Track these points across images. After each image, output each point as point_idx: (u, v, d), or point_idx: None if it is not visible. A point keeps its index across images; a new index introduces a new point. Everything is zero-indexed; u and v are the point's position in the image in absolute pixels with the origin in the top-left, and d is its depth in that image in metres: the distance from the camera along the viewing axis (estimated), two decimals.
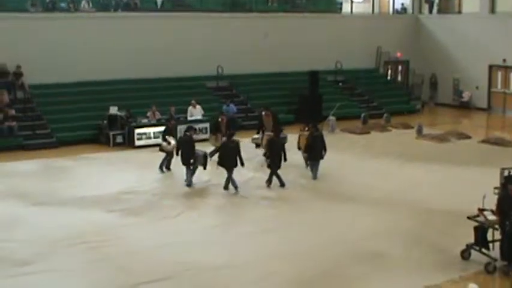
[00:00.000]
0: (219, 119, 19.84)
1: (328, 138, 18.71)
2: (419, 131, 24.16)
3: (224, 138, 17.47)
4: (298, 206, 15.04)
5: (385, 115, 27.32)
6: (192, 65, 27.16)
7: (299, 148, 18.28)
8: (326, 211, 14.63)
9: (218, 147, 17.48)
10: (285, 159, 16.55)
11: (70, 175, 17.90)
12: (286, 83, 29.00)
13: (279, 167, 16.37)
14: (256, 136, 19.80)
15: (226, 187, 16.13)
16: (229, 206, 15.13)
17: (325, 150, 17.33)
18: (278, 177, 16.40)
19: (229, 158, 16.02)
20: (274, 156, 16.32)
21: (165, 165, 18.28)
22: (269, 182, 16.42)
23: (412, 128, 25.18)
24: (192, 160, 16.70)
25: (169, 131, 18.79)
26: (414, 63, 33.46)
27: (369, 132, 24.95)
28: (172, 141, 18.14)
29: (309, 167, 17.59)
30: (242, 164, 16.28)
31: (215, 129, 19.79)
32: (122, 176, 17.70)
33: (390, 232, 13.06)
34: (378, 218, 14.02)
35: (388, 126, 26.07)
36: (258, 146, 19.54)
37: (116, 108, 22.67)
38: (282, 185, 16.36)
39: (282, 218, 14.13)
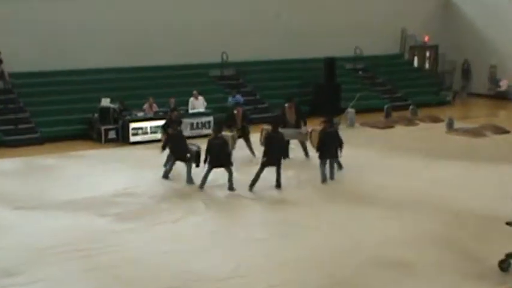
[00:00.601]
0: (234, 111, 19.89)
1: (347, 133, 18.79)
2: (450, 125, 24.17)
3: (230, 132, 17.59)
4: (311, 209, 15.10)
5: (411, 107, 27.33)
6: (194, 51, 27.24)
7: (312, 145, 18.41)
8: (343, 214, 14.67)
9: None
10: (286, 156, 16.60)
11: (57, 175, 17.99)
12: (300, 71, 29.05)
13: (278, 165, 16.39)
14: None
15: (231, 188, 16.26)
16: (235, 209, 15.21)
17: (340, 148, 17.32)
18: (278, 175, 16.42)
19: (216, 156, 16.24)
20: (272, 154, 16.28)
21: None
22: (277, 183, 16.48)
23: (442, 121, 25.20)
24: (189, 155, 16.94)
25: (170, 123, 18.86)
26: (444, 47, 33.41)
27: (392, 127, 25.00)
28: None
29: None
30: (230, 163, 16.54)
31: (230, 123, 19.67)
32: (116, 176, 17.79)
33: (416, 237, 13.08)
34: (402, 221, 14.04)
35: (414, 120, 26.08)
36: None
37: (108, 99, 22.79)
38: (278, 185, 16.43)
39: (293, 222, 14.17)
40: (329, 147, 17.09)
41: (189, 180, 16.88)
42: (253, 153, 19.40)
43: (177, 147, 17.06)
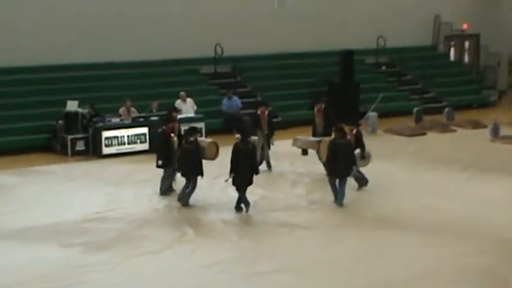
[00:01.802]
0: (258, 112, 20.15)
1: (368, 142, 18.65)
2: (496, 132, 24.09)
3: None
4: (328, 236, 14.97)
5: (446, 110, 27.31)
6: (182, 44, 27.29)
7: (320, 159, 18.43)
8: (366, 242, 14.54)
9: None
10: (256, 172, 16.51)
11: (12, 196, 17.89)
12: (310, 67, 29.08)
13: (245, 183, 16.29)
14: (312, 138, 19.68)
15: (237, 207, 16.40)
16: (233, 236, 15.08)
17: (354, 163, 17.02)
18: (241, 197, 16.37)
19: (188, 164, 16.61)
20: (240, 170, 16.18)
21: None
22: (239, 207, 16.40)
23: (486, 127, 25.17)
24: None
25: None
26: (487, 37, 33.40)
27: (424, 134, 25.01)
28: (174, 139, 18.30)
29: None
30: (201, 173, 16.83)
31: (255, 126, 19.89)
32: (85, 197, 17.69)
33: (458, 272, 12.93)
34: (439, 251, 13.90)
35: (451, 125, 26.06)
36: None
37: (75, 103, 22.75)
38: (239, 209, 16.34)
39: (305, 252, 14.05)
40: (338, 163, 16.75)
41: (186, 201, 16.83)
42: (269, 167, 19.61)
43: (186, 162, 16.98)
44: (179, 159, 17.07)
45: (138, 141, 22.33)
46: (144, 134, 22.35)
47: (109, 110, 23.21)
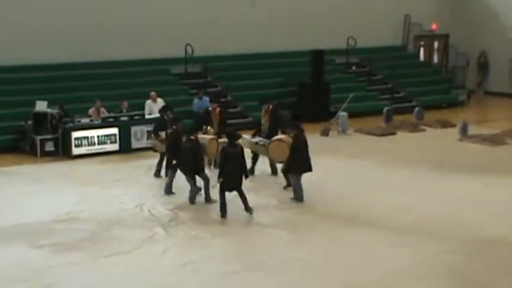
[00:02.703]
0: (209, 108, 20.27)
1: (338, 142, 18.73)
2: (464, 131, 24.22)
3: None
4: (299, 235, 14.96)
5: (416, 109, 27.42)
6: (152, 44, 27.19)
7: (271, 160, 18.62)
8: (337, 242, 14.55)
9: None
10: (246, 176, 16.43)
11: None
12: (281, 67, 29.11)
13: (234, 187, 16.15)
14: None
15: (207, 199, 16.69)
16: (204, 235, 15.02)
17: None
18: (243, 198, 16.17)
19: (189, 162, 16.87)
20: (231, 175, 15.99)
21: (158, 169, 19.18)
22: (221, 210, 16.16)
23: (455, 126, 25.29)
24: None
25: (163, 126, 19.10)
26: (456, 37, 33.68)
27: (394, 133, 25.09)
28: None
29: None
30: (202, 171, 16.98)
31: (206, 122, 20.09)
32: (55, 198, 17.59)
33: (429, 270, 12.97)
34: (410, 251, 13.93)
35: (420, 125, 26.18)
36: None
37: (44, 103, 22.59)
38: (223, 214, 16.06)
39: (277, 251, 14.02)
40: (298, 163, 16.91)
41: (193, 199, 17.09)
42: (215, 165, 19.43)
43: (188, 160, 16.98)
44: (180, 158, 17.09)
45: (108, 141, 22.22)
46: (115, 135, 22.24)
47: (79, 110, 23.05)
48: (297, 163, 16.94)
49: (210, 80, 28.15)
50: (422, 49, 34.40)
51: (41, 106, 22.51)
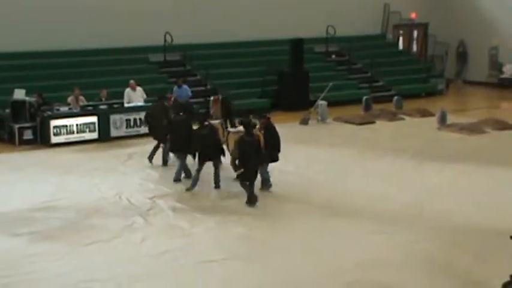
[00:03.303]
0: (211, 98, 20.46)
1: (318, 131, 18.76)
2: (443, 120, 24.34)
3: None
4: (277, 223, 14.99)
5: (395, 98, 27.50)
6: (130, 32, 27.13)
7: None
8: (316, 230, 14.57)
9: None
10: (262, 163, 16.36)
11: None
12: (260, 55, 29.11)
13: (255, 176, 16.11)
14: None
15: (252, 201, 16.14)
16: (183, 224, 15.01)
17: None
18: (250, 191, 16.19)
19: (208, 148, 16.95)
20: (249, 163, 15.94)
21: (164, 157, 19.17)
22: (251, 200, 16.06)
23: (433, 115, 25.41)
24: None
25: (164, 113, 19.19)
26: (435, 26, 33.75)
27: (373, 122, 25.18)
28: None
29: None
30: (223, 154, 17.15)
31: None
32: (33, 186, 17.53)
33: (405, 257, 13.05)
34: (388, 238, 14.01)
35: (399, 114, 26.27)
36: None
37: (22, 91, 22.49)
38: (254, 202, 16.09)
39: (256, 240, 14.06)
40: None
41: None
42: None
43: (208, 147, 17.10)
44: (194, 145, 17.10)
45: (87, 130, 22.17)
46: (93, 123, 22.19)
47: (57, 98, 22.96)
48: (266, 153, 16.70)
49: (189, 69, 28.09)
50: (401, 38, 34.49)
51: (19, 94, 22.40)
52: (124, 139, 22.05)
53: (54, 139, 21.82)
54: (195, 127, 17.58)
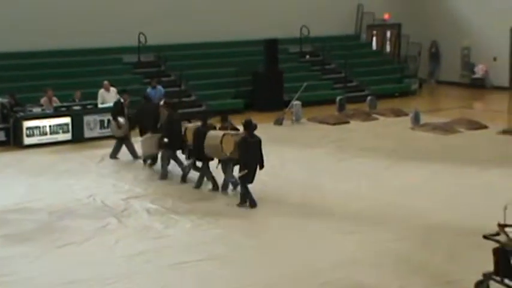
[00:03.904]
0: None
1: (292, 131, 18.81)
2: (416, 120, 24.45)
3: None
4: (251, 224, 15.03)
5: (369, 98, 27.58)
6: (104, 32, 26.99)
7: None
8: (289, 230, 14.59)
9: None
10: (262, 166, 16.34)
11: None
12: (235, 56, 29.08)
13: (253, 179, 16.04)
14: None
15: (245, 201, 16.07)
16: (157, 226, 14.98)
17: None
18: (249, 193, 16.11)
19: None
20: (251, 164, 15.85)
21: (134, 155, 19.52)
22: (244, 201, 16.04)
23: (407, 115, 25.50)
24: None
25: (120, 110, 19.32)
26: (408, 27, 33.91)
27: (347, 122, 25.23)
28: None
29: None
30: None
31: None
32: (6, 188, 17.43)
33: (378, 257, 13.08)
34: (362, 238, 14.05)
35: (373, 114, 26.34)
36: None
37: None
38: (254, 204, 16.03)
39: (229, 240, 14.07)
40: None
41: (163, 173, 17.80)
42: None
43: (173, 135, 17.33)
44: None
45: (61, 131, 22.05)
46: (67, 124, 22.08)
47: (30, 99, 22.82)
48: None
49: (163, 69, 28.02)
50: (375, 38, 34.60)
51: None
52: (98, 140, 21.96)
53: (27, 140, 21.69)
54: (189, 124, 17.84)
